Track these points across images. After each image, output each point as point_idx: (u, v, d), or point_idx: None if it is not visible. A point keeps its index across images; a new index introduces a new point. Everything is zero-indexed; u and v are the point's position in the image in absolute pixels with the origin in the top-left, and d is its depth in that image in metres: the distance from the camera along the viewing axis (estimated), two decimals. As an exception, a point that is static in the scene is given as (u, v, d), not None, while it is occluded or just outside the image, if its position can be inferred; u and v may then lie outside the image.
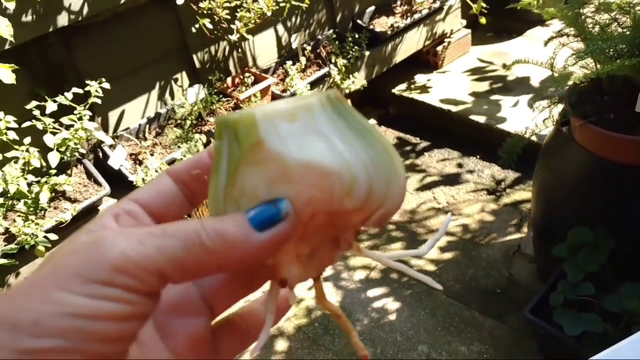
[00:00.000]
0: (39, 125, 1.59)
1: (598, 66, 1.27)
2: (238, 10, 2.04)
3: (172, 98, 2.14)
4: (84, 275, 0.21)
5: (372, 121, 2.74)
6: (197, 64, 2.15)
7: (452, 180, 2.29)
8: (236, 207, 0.25)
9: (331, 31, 2.50)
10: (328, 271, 1.95)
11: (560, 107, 1.45)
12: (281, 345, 1.75)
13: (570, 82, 1.37)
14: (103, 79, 1.72)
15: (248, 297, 0.33)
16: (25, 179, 1.52)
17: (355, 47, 2.42)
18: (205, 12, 1.98)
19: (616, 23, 1.35)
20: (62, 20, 1.69)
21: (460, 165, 2.36)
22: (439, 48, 2.83)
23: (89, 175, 1.82)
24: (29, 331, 0.20)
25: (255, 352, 0.27)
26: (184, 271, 0.23)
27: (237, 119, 0.24)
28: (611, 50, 1.23)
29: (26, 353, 0.20)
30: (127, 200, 0.27)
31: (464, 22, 2.91)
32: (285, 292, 0.29)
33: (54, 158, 1.55)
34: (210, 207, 0.26)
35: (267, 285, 0.30)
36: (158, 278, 0.22)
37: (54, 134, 1.60)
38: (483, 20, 2.43)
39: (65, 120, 1.64)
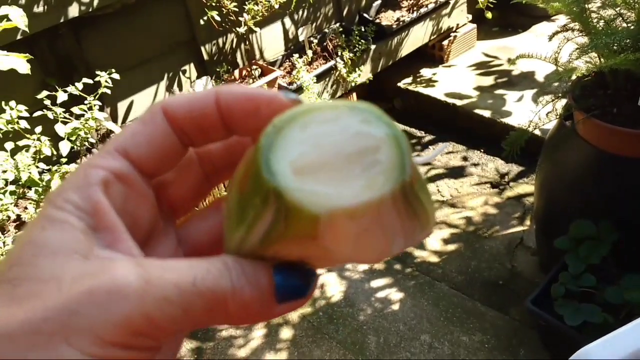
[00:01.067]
0: (50, 115, 1.62)
1: (602, 60, 1.28)
2: (246, 2, 2.06)
3: (180, 89, 2.17)
4: (99, 336, 0.18)
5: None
6: (205, 56, 2.17)
7: (456, 173, 2.31)
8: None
9: (338, 24, 2.51)
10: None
11: (563, 101, 1.47)
12: (286, 333, 1.78)
13: (574, 76, 1.38)
14: (113, 70, 1.74)
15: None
16: (37, 167, 1.55)
17: (362, 41, 2.44)
18: (213, 4, 2.00)
19: (621, 18, 1.36)
20: (73, 11, 1.72)
21: (465, 159, 2.38)
22: (445, 42, 2.85)
23: (98, 164, 1.85)
24: None
25: None
26: (196, 327, 0.21)
27: (296, 205, 0.20)
28: (615, 44, 1.24)
29: None
30: (114, 154, 0.22)
31: (470, 16, 2.92)
32: None
33: (65, 147, 1.58)
34: (227, 241, 0.23)
35: None
36: (176, 335, 0.20)
37: (65, 123, 1.63)
38: (489, 14, 2.45)
39: (75, 110, 1.66)
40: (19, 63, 1.04)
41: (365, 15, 2.61)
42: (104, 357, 0.18)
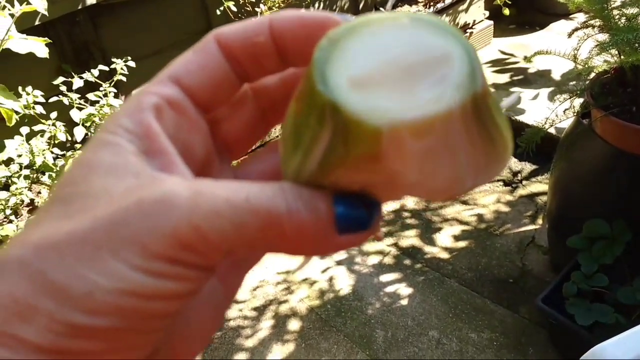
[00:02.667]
0: (66, 101, 1.63)
1: (622, 58, 1.27)
2: (263, -7, 2.06)
3: (195, 79, 2.17)
4: (145, 247, 0.18)
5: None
6: (220, 46, 2.17)
7: (468, 170, 2.30)
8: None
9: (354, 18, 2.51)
10: (342, 255, 1.98)
11: (581, 99, 1.46)
12: (294, 325, 1.78)
13: (592, 74, 1.37)
14: (129, 58, 1.75)
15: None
16: (51, 152, 1.56)
17: (377, 35, 2.43)
18: (230, -6, 2.00)
19: (642, 16, 1.35)
20: (91, -3, 1.72)
21: (477, 156, 2.37)
22: (461, 38, 2.83)
23: (112, 151, 1.86)
24: (82, 305, 0.17)
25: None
26: (251, 250, 0.20)
27: (354, 119, 0.18)
28: (637, 41, 1.23)
29: (76, 329, 0.17)
30: (167, 82, 0.22)
31: (487, 13, 2.90)
32: None
33: (79, 133, 1.59)
34: (285, 171, 0.22)
35: None
36: (225, 255, 0.19)
37: (80, 109, 1.64)
38: (507, 11, 2.43)
39: (90, 96, 1.67)
40: (38, 47, 1.05)
41: (381, 9, 2.60)
42: (151, 270, 0.18)
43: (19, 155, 1.51)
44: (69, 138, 1.63)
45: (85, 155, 0.20)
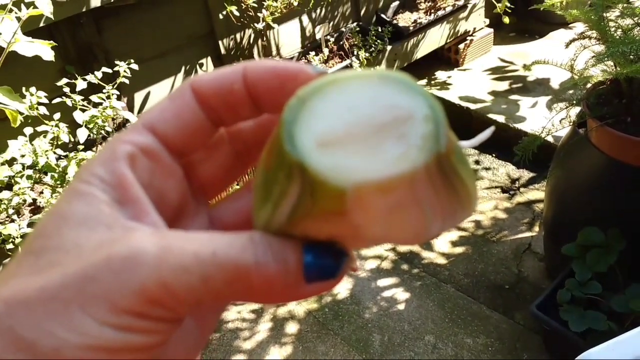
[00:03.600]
0: (69, 102, 1.64)
1: (618, 69, 1.29)
2: (265, -1, 2.08)
3: (196, 82, 2.19)
4: (114, 303, 0.18)
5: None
6: (223, 50, 2.19)
7: (467, 177, 2.32)
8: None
9: (355, 24, 2.53)
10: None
11: (578, 108, 1.48)
12: (291, 328, 1.79)
13: (589, 84, 1.39)
14: (132, 60, 1.77)
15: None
16: (54, 153, 1.57)
17: (378, 41, 2.45)
18: (233, -1, 2.02)
19: (639, 27, 1.37)
20: (95, 1, 1.74)
21: (476, 162, 2.39)
22: (461, 46, 2.85)
23: (113, 153, 1.87)
24: (47, 359, 0.18)
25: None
26: (219, 301, 0.20)
27: (320, 179, 0.19)
28: (632, 53, 1.25)
29: None
30: (142, 130, 0.22)
31: (487, 21, 2.92)
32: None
33: (82, 134, 1.60)
34: (255, 221, 0.22)
35: None
36: (193, 307, 0.20)
37: (83, 111, 1.66)
38: (506, 19, 2.45)
39: (94, 98, 1.69)
40: (44, 50, 1.07)
41: (382, 15, 2.62)
42: (120, 325, 0.18)
43: (22, 156, 1.52)
44: (72, 139, 1.64)
45: (58, 205, 0.20)
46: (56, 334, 0.18)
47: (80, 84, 1.65)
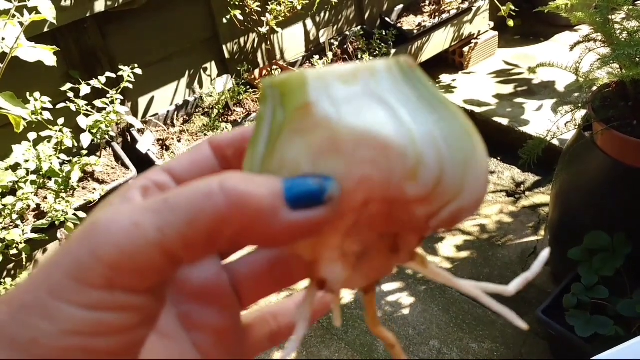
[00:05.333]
0: (73, 107, 1.65)
1: (623, 72, 1.28)
2: (269, 3, 2.08)
3: (201, 87, 2.19)
4: (77, 279, 0.17)
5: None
6: (227, 55, 2.19)
7: (472, 180, 2.30)
8: None
9: (359, 28, 2.52)
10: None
11: (583, 111, 1.47)
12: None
13: (594, 87, 1.38)
14: (135, 65, 1.77)
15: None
16: (58, 158, 1.58)
17: (382, 45, 2.45)
18: (236, 3, 2.02)
19: (644, 30, 1.36)
20: (99, 6, 1.74)
21: (480, 166, 2.38)
22: (466, 49, 2.84)
23: (117, 158, 1.88)
24: (27, 351, 0.17)
25: (285, 357, 0.24)
26: (195, 249, 0.18)
27: (284, 79, 0.20)
28: (638, 56, 1.24)
29: None
30: (158, 170, 0.23)
31: (492, 24, 2.91)
32: (326, 294, 0.24)
33: (86, 139, 1.60)
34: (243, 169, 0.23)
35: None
36: (164, 266, 0.18)
37: (87, 116, 1.66)
38: (511, 22, 2.44)
39: (97, 103, 1.69)
40: (46, 55, 1.07)
41: (386, 19, 2.62)
42: (89, 304, 0.17)
43: (26, 161, 1.52)
44: (76, 144, 1.65)
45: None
46: (31, 324, 0.17)
47: (84, 89, 1.65)
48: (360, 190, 0.19)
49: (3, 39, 1.06)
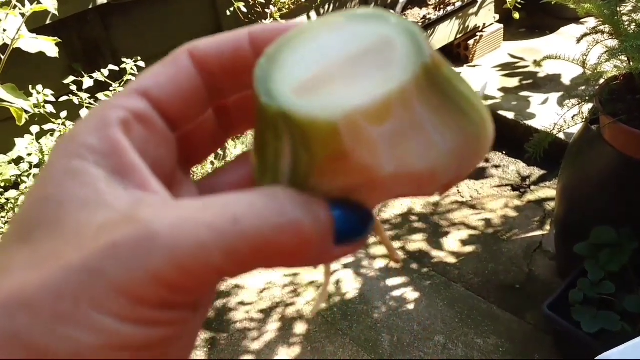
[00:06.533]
0: (76, 100, 1.64)
1: (632, 64, 1.26)
2: (273, -5, 2.07)
3: (204, 80, 2.18)
4: (128, 295, 0.16)
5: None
6: (230, 48, 2.18)
7: (477, 174, 2.29)
8: None
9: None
10: (349, 258, 1.98)
11: (590, 105, 1.45)
12: (300, 328, 1.78)
13: (602, 80, 1.36)
14: (139, 58, 1.76)
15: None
16: (61, 151, 1.57)
17: (387, 38, 2.43)
18: (240, -4, 2.01)
19: (653, 22, 1.34)
20: (102, -2, 1.74)
21: (486, 160, 2.36)
22: (471, 42, 2.82)
23: (120, 151, 1.87)
24: None
25: (313, 313, 0.22)
26: (245, 272, 0.18)
27: (307, 121, 0.17)
28: (646, 49, 1.22)
29: None
30: (134, 95, 0.20)
31: (497, 16, 2.89)
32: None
33: (88, 132, 1.59)
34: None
35: None
36: (216, 283, 0.18)
37: (89, 109, 1.65)
38: (517, 15, 2.42)
39: (100, 96, 1.68)
40: (48, 46, 1.06)
41: (391, 11, 2.60)
42: (140, 319, 0.16)
43: (29, 154, 1.52)
44: (78, 137, 1.64)
45: (48, 186, 0.18)
46: (71, 337, 0.16)
47: (87, 82, 1.64)
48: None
49: (4, 30, 1.05)
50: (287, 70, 0.19)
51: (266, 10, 2.09)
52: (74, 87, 1.64)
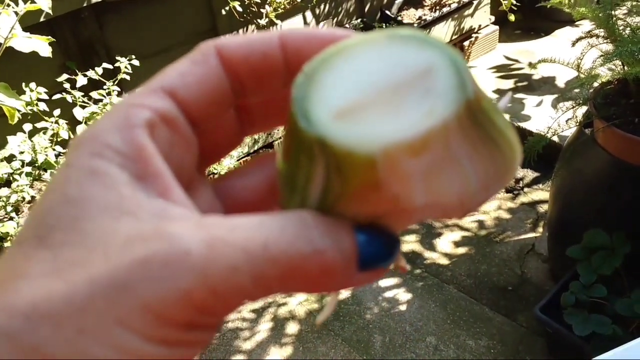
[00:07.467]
0: (69, 98, 1.63)
1: (626, 69, 1.27)
2: (268, -5, 2.06)
3: (198, 79, 2.17)
4: (157, 315, 0.16)
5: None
6: (225, 47, 2.17)
7: (470, 176, 2.30)
8: None
9: (359, 20, 2.50)
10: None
11: (584, 108, 1.45)
12: (292, 328, 1.78)
13: (596, 84, 1.37)
14: (133, 56, 1.75)
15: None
16: (54, 149, 1.56)
17: (382, 38, 2.43)
18: (235, -5, 2.00)
19: (647, 27, 1.34)
20: (96, -4, 1.73)
21: (479, 162, 2.37)
22: (466, 43, 2.82)
23: (114, 150, 1.86)
24: None
25: (320, 322, 0.23)
26: (267, 295, 0.18)
27: (344, 151, 0.17)
28: (640, 53, 1.23)
29: None
30: (161, 94, 0.19)
31: (493, 18, 2.89)
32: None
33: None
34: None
35: None
36: (239, 305, 0.18)
37: (83, 107, 1.64)
38: (512, 17, 2.42)
39: (94, 94, 1.67)
40: (41, 46, 1.05)
41: (387, 12, 2.60)
42: (166, 339, 0.16)
43: (21, 152, 1.51)
44: (72, 136, 1.63)
45: (68, 186, 0.17)
46: (93, 353, 0.15)
47: (81, 80, 1.63)
48: None
49: (-3, 29, 1.04)
50: (326, 92, 0.18)
51: (261, 10, 2.08)
52: (67, 85, 1.63)
